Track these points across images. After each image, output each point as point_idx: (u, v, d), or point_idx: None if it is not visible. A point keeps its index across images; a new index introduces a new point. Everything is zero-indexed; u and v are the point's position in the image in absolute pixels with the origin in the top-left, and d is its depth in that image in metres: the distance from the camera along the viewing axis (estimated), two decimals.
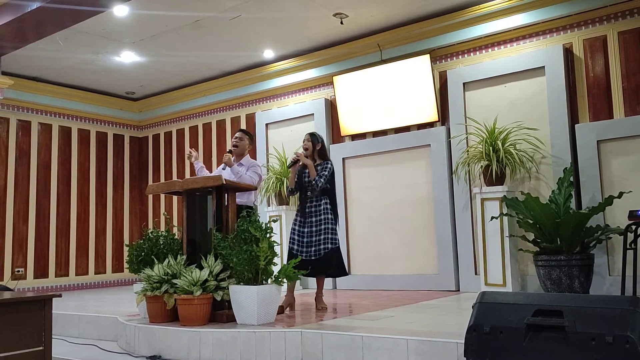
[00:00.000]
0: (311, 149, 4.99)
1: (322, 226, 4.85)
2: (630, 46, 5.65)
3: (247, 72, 8.26)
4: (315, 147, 5.01)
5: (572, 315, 2.36)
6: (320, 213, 4.88)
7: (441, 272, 6.46)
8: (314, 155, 5.01)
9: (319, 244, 4.81)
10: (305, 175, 4.96)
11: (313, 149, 5.00)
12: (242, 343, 3.79)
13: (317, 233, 4.84)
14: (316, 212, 4.88)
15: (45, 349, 2.84)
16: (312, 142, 5.01)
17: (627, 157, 5.52)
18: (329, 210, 4.91)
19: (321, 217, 4.87)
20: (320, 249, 4.80)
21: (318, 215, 4.87)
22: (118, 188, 9.57)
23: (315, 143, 5.01)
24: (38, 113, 8.63)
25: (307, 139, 5.04)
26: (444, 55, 6.79)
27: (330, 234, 4.85)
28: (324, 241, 4.82)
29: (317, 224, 4.86)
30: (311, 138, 5.03)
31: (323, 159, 5.02)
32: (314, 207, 4.90)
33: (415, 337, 3.26)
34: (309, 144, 5.00)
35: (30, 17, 5.42)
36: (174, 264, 4.43)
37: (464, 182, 6.37)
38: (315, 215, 4.87)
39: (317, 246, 4.80)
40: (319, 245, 4.80)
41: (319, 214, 4.88)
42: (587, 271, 5.10)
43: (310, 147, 4.99)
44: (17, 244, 8.22)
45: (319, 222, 4.86)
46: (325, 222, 4.86)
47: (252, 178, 5.03)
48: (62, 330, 5.17)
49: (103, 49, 7.35)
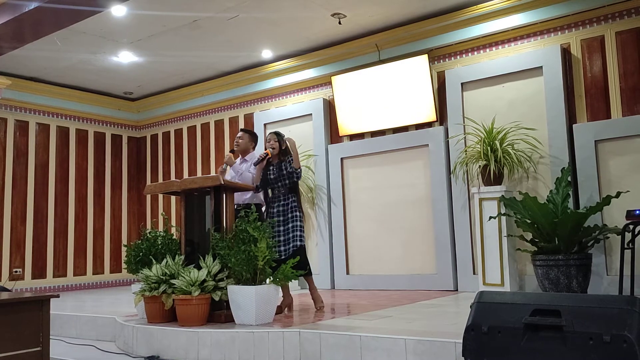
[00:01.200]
0: (277, 148, 4.99)
1: (291, 224, 4.85)
2: (627, 46, 5.66)
3: (245, 72, 8.26)
4: (281, 147, 5.00)
5: (570, 314, 2.37)
6: (288, 211, 4.89)
7: (439, 272, 6.46)
8: (279, 155, 5.01)
9: (288, 242, 4.81)
10: (269, 173, 4.96)
11: (279, 149, 4.99)
12: (240, 343, 3.79)
13: (285, 232, 4.84)
14: (284, 211, 4.89)
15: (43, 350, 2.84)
16: (279, 143, 4.99)
17: (624, 157, 5.53)
18: (296, 208, 4.92)
19: (288, 215, 4.88)
20: (289, 248, 4.80)
21: (286, 214, 4.88)
22: (116, 188, 9.56)
23: (281, 143, 5.01)
24: (36, 113, 8.62)
25: (274, 139, 5.01)
26: (442, 55, 6.79)
27: (298, 231, 4.84)
28: (292, 239, 4.82)
29: (285, 222, 4.86)
30: (278, 138, 5.02)
31: (285, 155, 5.00)
32: (282, 207, 4.91)
33: (413, 337, 3.26)
34: (275, 145, 4.99)
35: (28, 17, 5.40)
36: (172, 264, 4.43)
37: (462, 182, 6.37)
38: (284, 214, 4.88)
39: (286, 245, 4.81)
40: (287, 244, 4.81)
41: (287, 212, 4.89)
42: (585, 271, 5.11)
43: (277, 147, 4.99)
44: (15, 244, 8.21)
45: (286, 221, 4.87)
46: (294, 220, 4.86)
47: (253, 175, 5.03)
48: (60, 330, 5.17)
49: (101, 49, 7.34)
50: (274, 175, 4.95)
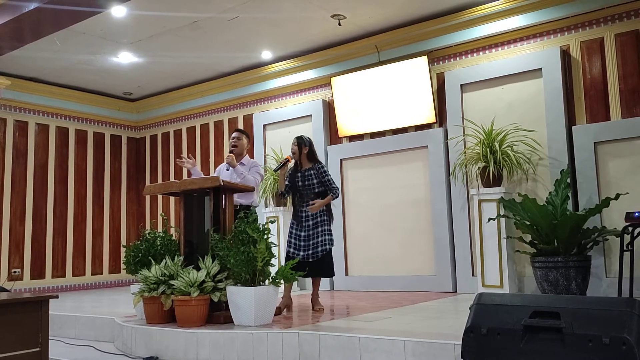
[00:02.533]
0: (298, 152, 4.96)
1: (320, 228, 4.86)
2: (627, 48, 5.66)
3: (245, 73, 8.26)
4: (303, 151, 4.96)
5: (569, 316, 2.37)
6: (317, 215, 4.89)
7: (438, 274, 6.46)
8: (301, 159, 4.98)
9: (317, 246, 4.81)
10: (298, 179, 4.93)
11: (300, 153, 4.96)
12: (239, 344, 3.79)
13: (314, 235, 4.84)
14: (313, 215, 4.88)
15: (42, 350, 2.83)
16: (299, 146, 4.96)
17: (624, 159, 5.53)
18: (324, 212, 4.93)
19: (317, 219, 4.88)
20: (318, 251, 4.81)
21: (315, 218, 4.88)
22: (115, 189, 9.55)
23: (302, 146, 4.96)
24: (35, 113, 8.62)
25: (294, 143, 4.99)
26: (441, 56, 6.80)
27: (327, 235, 4.88)
28: (322, 243, 4.83)
29: (315, 226, 4.86)
30: (297, 142, 4.98)
31: (313, 162, 4.98)
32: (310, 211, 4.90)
33: (412, 339, 3.27)
34: (295, 148, 4.96)
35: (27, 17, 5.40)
36: (171, 265, 4.43)
37: (462, 184, 6.38)
38: (313, 218, 4.88)
39: (315, 248, 4.81)
40: (316, 247, 4.81)
41: (316, 216, 4.88)
42: (584, 273, 5.11)
43: (296, 151, 4.95)
44: (14, 244, 8.20)
45: (315, 225, 4.87)
46: (322, 224, 4.88)
47: (255, 179, 5.03)
48: (59, 331, 5.17)
49: (101, 50, 7.34)
50: (301, 182, 4.91)
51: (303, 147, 4.96)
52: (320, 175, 4.89)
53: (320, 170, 4.91)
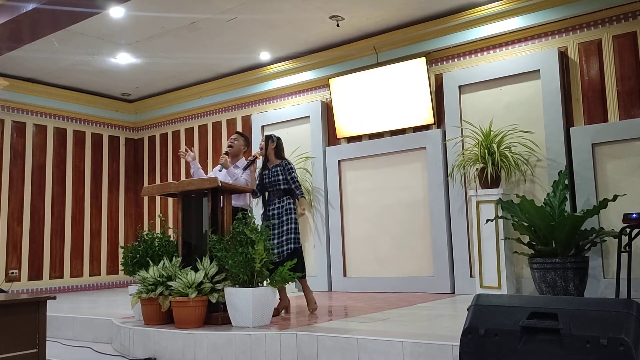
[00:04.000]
0: (264, 148, 5.01)
1: (285, 227, 4.84)
2: (624, 50, 5.68)
3: (243, 74, 8.26)
4: (270, 146, 5.02)
5: (567, 317, 2.37)
6: (283, 214, 4.87)
7: (436, 275, 6.46)
8: (269, 155, 5.02)
9: (281, 246, 4.79)
10: (265, 176, 4.97)
11: (266, 149, 5.01)
12: (237, 345, 3.79)
13: (279, 235, 4.82)
14: (279, 214, 4.88)
15: (40, 351, 2.83)
16: (266, 143, 5.03)
17: (621, 160, 5.54)
18: (291, 210, 4.90)
19: (283, 217, 4.87)
20: (283, 250, 4.78)
21: (281, 217, 4.87)
22: (113, 190, 9.54)
23: (269, 142, 5.03)
24: (33, 114, 8.60)
25: (263, 139, 5.09)
26: (439, 58, 6.81)
27: (293, 233, 4.84)
28: (286, 242, 4.80)
29: (280, 225, 4.85)
30: (265, 139, 5.07)
31: (280, 159, 5.03)
32: (277, 210, 4.90)
33: (410, 340, 3.27)
34: (262, 144, 5.04)
35: (25, 18, 5.40)
36: (169, 266, 4.42)
37: (460, 185, 6.38)
38: (279, 217, 4.87)
39: (280, 247, 4.78)
40: (281, 247, 4.79)
41: (282, 214, 4.87)
42: (582, 274, 5.12)
43: (263, 146, 5.02)
44: (12, 245, 8.18)
45: (281, 223, 4.85)
46: (288, 222, 4.85)
47: (247, 180, 5.03)
48: (56, 332, 5.15)
49: (99, 51, 7.33)
50: (268, 179, 4.95)
51: (270, 142, 5.03)
52: (287, 172, 4.91)
53: (287, 167, 4.94)
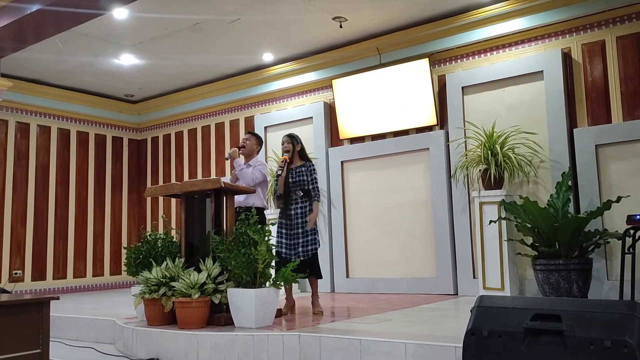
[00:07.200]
0: (291, 150, 5.01)
1: (309, 227, 4.86)
2: (628, 51, 5.66)
3: (246, 75, 8.27)
4: (295, 148, 5.02)
5: (571, 319, 2.36)
6: (306, 214, 4.88)
7: (439, 276, 6.45)
8: (293, 157, 5.02)
9: (306, 245, 4.81)
10: (289, 176, 4.96)
11: (293, 150, 5.01)
12: (240, 346, 3.79)
13: (303, 234, 4.84)
14: (302, 214, 4.88)
15: (43, 352, 2.83)
16: (292, 144, 5.02)
17: (625, 162, 5.53)
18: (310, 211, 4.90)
19: (307, 218, 4.87)
20: (308, 250, 4.81)
21: (304, 217, 4.87)
22: (116, 190, 9.56)
23: (294, 144, 5.03)
24: (37, 115, 8.63)
25: (286, 141, 5.05)
26: (442, 59, 6.80)
27: (317, 234, 4.91)
28: (311, 242, 4.83)
29: (304, 225, 4.86)
30: (291, 140, 5.04)
31: (304, 160, 5.04)
32: (300, 209, 4.90)
33: (413, 341, 3.26)
34: (289, 146, 5.01)
35: (29, 19, 5.42)
36: (172, 267, 4.43)
37: (463, 186, 6.37)
38: (302, 217, 4.88)
39: (305, 247, 4.81)
40: (306, 246, 4.81)
41: (305, 214, 4.88)
42: (586, 275, 5.10)
43: (290, 149, 5.01)
44: (15, 246, 8.20)
45: (305, 223, 4.86)
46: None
47: (252, 174, 5.02)
48: (59, 332, 5.16)
49: (102, 52, 7.35)
50: (292, 179, 4.93)
51: (295, 144, 5.02)
52: (310, 173, 4.93)
53: (311, 169, 4.96)
